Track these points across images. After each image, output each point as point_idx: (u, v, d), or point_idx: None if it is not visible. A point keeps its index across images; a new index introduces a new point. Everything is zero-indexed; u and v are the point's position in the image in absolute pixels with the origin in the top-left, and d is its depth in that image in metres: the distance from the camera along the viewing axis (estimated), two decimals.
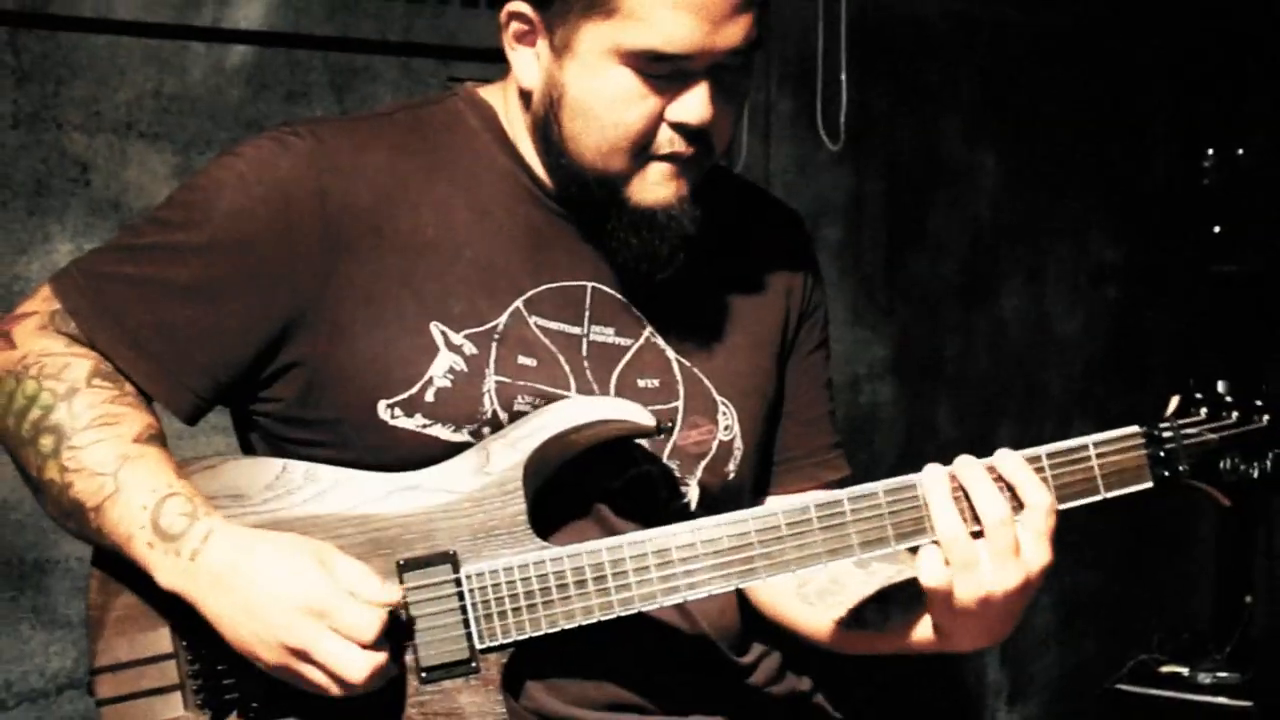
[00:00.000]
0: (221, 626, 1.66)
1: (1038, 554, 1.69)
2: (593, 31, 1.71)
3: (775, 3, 3.41)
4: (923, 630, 1.79)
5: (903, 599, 1.83)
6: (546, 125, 1.79)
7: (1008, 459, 1.71)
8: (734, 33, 1.70)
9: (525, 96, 1.83)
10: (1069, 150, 4.14)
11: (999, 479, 1.71)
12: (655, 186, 1.77)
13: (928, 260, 3.85)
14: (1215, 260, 3.80)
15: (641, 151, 1.75)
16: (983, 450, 1.75)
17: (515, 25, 1.79)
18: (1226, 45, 4.27)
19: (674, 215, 1.78)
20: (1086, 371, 4.25)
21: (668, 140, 1.75)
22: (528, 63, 1.80)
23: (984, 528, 1.68)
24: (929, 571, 1.68)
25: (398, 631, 1.70)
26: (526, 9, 1.77)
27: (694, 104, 1.72)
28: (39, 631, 2.54)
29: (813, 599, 1.93)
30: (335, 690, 1.64)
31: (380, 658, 1.63)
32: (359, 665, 1.62)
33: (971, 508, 1.69)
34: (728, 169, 2.25)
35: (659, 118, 1.73)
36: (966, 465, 1.71)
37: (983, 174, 3.95)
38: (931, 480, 1.71)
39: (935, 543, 1.69)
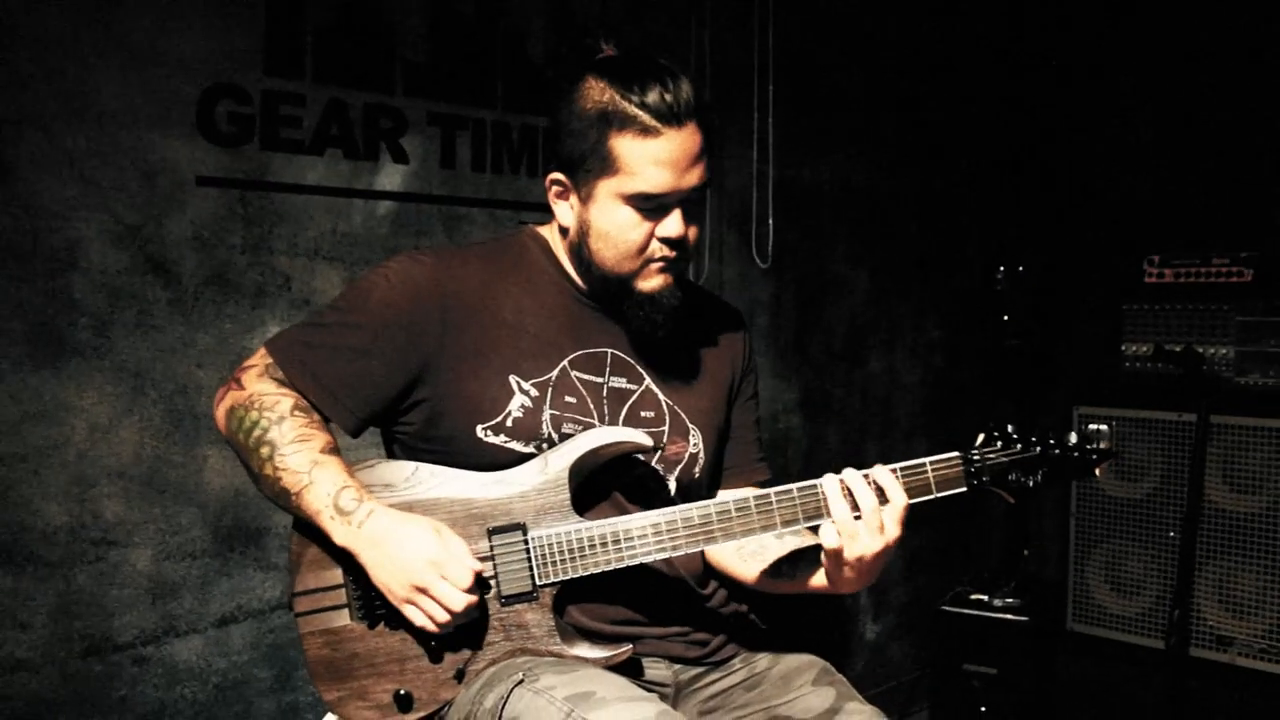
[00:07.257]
0: (371, 572, 1.67)
1: (894, 530, 1.69)
2: (605, 185, 1.73)
3: (727, 172, 3.45)
4: (818, 579, 1.79)
5: (806, 560, 1.84)
6: (579, 248, 1.81)
7: (879, 471, 1.72)
8: (693, 177, 1.72)
9: (564, 231, 1.84)
10: (912, 268, 4.15)
11: (872, 483, 1.70)
12: (653, 279, 1.78)
13: (822, 337, 3.85)
14: (1005, 339, 3.80)
15: (642, 258, 1.77)
16: (859, 459, 1.75)
17: (555, 187, 1.82)
18: (1016, 199, 4.30)
19: (666, 295, 1.79)
20: (923, 409, 4.25)
21: (659, 249, 1.76)
22: (565, 211, 1.82)
23: (861, 513, 1.68)
24: (828, 539, 1.68)
25: (487, 576, 1.71)
26: (561, 176, 1.79)
27: (673, 225, 1.75)
28: (258, 573, 2.55)
29: (746, 557, 1.93)
30: (442, 616, 1.64)
31: (472, 599, 1.65)
32: (458, 601, 1.64)
33: (854, 501, 1.69)
34: (695, 282, 2.25)
35: (651, 235, 1.75)
36: (851, 474, 1.71)
37: (858, 283, 3.96)
38: (829, 483, 1.71)
39: (832, 522, 1.69)
